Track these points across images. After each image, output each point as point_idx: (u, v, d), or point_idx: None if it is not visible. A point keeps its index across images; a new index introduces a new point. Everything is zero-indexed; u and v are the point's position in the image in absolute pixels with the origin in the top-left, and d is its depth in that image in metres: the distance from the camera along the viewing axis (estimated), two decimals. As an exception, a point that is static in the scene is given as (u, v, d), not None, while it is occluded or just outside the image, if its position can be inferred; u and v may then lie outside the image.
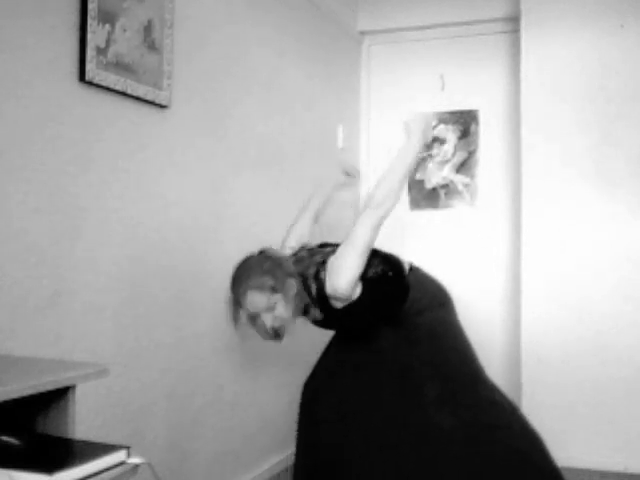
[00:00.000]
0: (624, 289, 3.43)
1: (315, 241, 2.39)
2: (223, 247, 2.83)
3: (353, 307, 2.13)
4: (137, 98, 2.30)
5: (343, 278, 2.06)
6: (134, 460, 1.41)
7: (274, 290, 2.06)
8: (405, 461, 2.17)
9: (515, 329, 3.79)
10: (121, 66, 2.20)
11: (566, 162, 3.54)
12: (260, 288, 2.06)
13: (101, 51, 2.12)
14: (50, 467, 1.27)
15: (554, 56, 3.58)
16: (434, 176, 4.20)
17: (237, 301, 2.10)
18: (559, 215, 3.55)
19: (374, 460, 2.20)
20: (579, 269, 3.50)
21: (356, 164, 4.28)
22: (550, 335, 3.52)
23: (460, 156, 4.15)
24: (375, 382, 2.25)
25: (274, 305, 2.07)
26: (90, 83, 2.09)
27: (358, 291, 2.12)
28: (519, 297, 3.66)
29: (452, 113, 4.16)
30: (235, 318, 2.13)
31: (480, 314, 4.04)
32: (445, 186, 4.18)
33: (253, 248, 2.93)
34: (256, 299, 2.06)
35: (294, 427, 2.44)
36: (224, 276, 2.62)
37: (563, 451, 3.46)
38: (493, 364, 4.01)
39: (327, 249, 2.23)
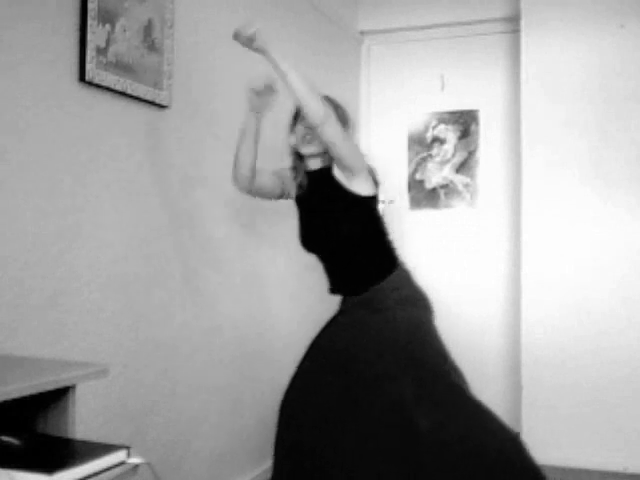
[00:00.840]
0: (624, 290, 3.43)
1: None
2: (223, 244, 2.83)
3: (351, 196, 2.28)
4: (137, 98, 2.30)
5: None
6: (134, 460, 1.41)
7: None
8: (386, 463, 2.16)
9: (515, 330, 3.79)
10: (121, 66, 2.20)
11: (566, 162, 3.54)
12: (329, 103, 2.24)
13: (101, 51, 2.12)
14: (50, 467, 1.27)
15: (554, 56, 3.58)
16: (434, 176, 4.20)
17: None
18: (559, 215, 3.55)
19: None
20: (579, 270, 3.50)
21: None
22: (550, 336, 3.52)
23: (460, 156, 4.15)
24: (353, 381, 2.25)
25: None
26: (90, 83, 2.08)
27: (365, 188, 2.30)
28: (519, 297, 3.66)
29: (452, 113, 4.16)
30: (294, 116, 2.39)
31: (480, 315, 4.04)
32: (445, 186, 4.18)
33: (254, 246, 2.92)
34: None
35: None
36: (224, 275, 2.61)
37: (563, 451, 3.46)
38: (493, 365, 4.02)
39: None
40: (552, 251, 3.55)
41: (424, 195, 4.22)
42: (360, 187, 2.30)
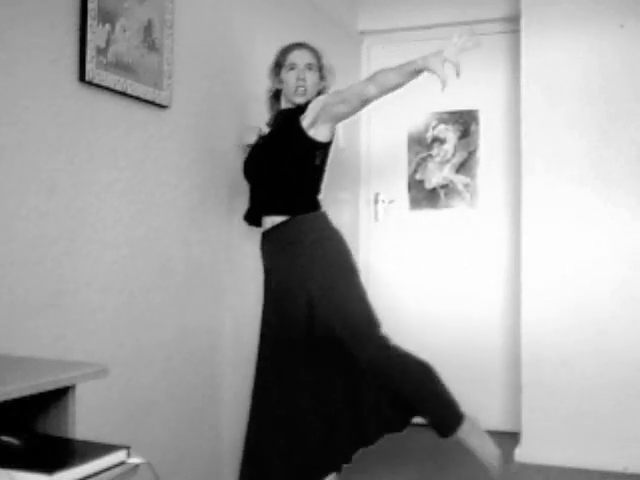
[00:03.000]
0: (624, 290, 3.42)
1: None
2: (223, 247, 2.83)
3: (306, 141, 2.52)
4: (137, 98, 2.30)
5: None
6: (134, 460, 1.41)
7: (319, 66, 2.64)
8: None
9: (515, 330, 3.79)
10: (121, 66, 2.20)
11: (566, 162, 3.54)
12: (315, 53, 2.65)
13: (101, 51, 2.12)
14: (50, 467, 1.27)
15: (554, 56, 3.58)
16: (434, 176, 4.20)
17: (291, 47, 2.62)
18: (559, 215, 3.54)
19: None
20: (579, 270, 3.50)
21: (357, 163, 4.29)
22: (550, 335, 3.52)
23: (460, 156, 4.15)
24: None
25: (312, 70, 2.60)
26: (90, 83, 2.09)
27: (324, 134, 2.55)
28: (519, 298, 3.66)
29: (452, 113, 4.16)
30: (277, 63, 2.64)
31: (480, 315, 4.04)
32: (445, 186, 4.18)
33: (254, 246, 2.92)
34: (308, 54, 2.62)
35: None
36: (224, 276, 2.61)
37: (563, 451, 3.46)
38: (493, 365, 4.02)
39: None
40: (552, 251, 3.55)
41: (424, 195, 4.21)
42: (323, 133, 2.55)
